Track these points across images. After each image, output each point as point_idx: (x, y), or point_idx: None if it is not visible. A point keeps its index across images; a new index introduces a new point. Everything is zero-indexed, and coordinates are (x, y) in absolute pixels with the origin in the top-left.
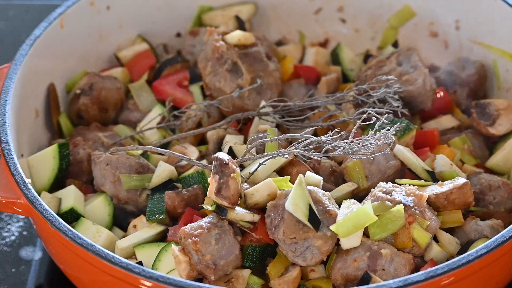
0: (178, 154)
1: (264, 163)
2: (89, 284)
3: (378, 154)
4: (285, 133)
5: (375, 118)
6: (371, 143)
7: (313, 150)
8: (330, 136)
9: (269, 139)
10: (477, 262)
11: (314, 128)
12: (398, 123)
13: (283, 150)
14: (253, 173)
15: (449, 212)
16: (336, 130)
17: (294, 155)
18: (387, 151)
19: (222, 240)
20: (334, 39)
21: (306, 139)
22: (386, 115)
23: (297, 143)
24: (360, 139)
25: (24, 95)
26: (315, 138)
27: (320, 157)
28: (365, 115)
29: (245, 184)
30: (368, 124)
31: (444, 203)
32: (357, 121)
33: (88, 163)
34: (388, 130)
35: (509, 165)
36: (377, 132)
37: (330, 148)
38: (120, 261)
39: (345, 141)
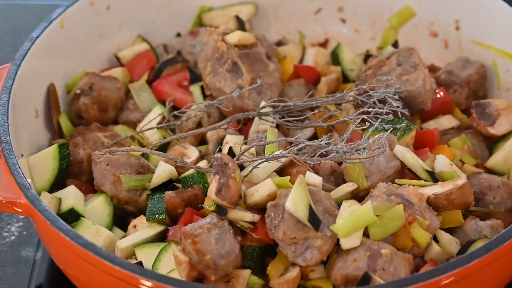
0: (171, 156)
1: (257, 166)
2: (89, 284)
3: (371, 159)
4: (286, 133)
5: (373, 120)
6: (364, 148)
7: (306, 155)
8: (324, 140)
9: (262, 142)
10: (477, 262)
11: (313, 128)
12: (391, 128)
13: (276, 154)
14: (246, 176)
15: (449, 212)
16: (329, 134)
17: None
18: (381, 156)
19: (222, 240)
20: (334, 39)
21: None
22: (380, 119)
23: (290, 147)
24: (354, 143)
25: (24, 95)
26: (308, 142)
27: (313, 162)
28: (364, 116)
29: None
30: (369, 124)
31: (444, 203)
32: (354, 122)
33: (88, 163)
34: (383, 134)
35: (509, 165)
36: (371, 137)
37: (324, 152)
38: (120, 261)
39: (338, 145)
